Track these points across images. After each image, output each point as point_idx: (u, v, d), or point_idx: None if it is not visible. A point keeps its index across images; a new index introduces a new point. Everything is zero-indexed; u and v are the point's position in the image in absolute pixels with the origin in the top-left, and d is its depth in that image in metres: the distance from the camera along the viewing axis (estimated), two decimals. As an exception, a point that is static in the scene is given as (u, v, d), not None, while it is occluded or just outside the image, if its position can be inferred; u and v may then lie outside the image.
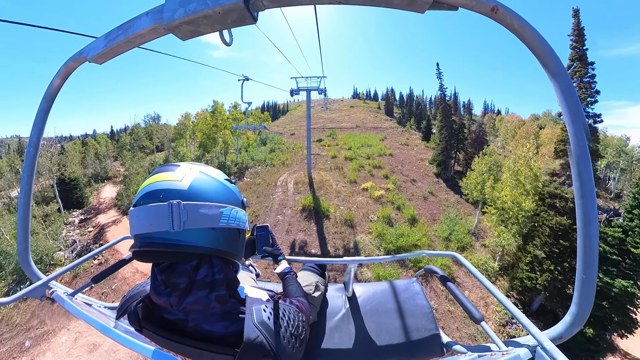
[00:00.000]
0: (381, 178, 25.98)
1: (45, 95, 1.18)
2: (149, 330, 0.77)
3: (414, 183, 26.46)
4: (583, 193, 0.82)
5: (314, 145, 36.48)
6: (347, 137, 42.75)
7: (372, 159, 30.89)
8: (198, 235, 0.72)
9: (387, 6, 0.81)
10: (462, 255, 1.71)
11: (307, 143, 23.17)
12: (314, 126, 51.84)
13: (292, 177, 25.28)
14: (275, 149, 37.08)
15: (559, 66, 0.80)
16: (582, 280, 0.86)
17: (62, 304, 1.20)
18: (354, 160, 29.42)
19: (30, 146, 1.23)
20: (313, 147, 34.73)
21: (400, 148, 37.83)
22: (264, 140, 42.17)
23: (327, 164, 29.27)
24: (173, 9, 0.83)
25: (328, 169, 27.76)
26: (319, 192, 21.63)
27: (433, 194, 24.78)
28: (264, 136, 43.90)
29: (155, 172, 0.77)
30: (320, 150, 35.34)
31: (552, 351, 0.87)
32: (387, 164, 29.79)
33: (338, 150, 34.20)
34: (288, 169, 27.97)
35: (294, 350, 0.72)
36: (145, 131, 43.81)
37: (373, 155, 31.92)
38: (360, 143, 37.49)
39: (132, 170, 28.32)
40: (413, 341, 1.49)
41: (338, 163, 29.43)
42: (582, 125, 0.81)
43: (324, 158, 31.59)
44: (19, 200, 1.25)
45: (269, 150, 36.64)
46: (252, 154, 33.26)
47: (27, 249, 1.28)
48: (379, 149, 34.49)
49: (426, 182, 27.28)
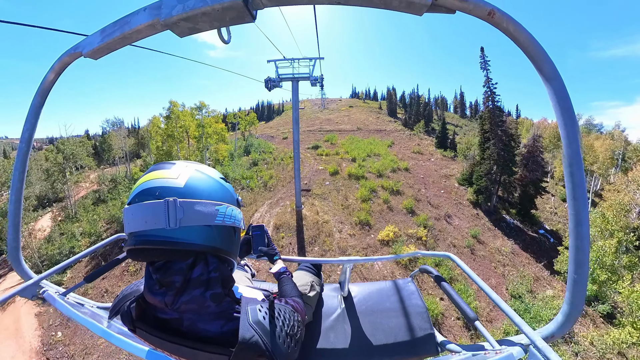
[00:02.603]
0: (404, 214, 18.24)
1: (39, 90, 1.16)
2: (142, 330, 0.76)
3: (449, 220, 18.67)
4: (575, 195, 0.84)
5: (308, 154, 30.88)
6: (349, 142, 36.72)
7: (385, 176, 23.91)
8: (194, 233, 0.72)
9: (385, 7, 0.81)
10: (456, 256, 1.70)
11: (294, 164, 14.32)
12: (309, 128, 47.29)
13: (274, 212, 17.53)
14: (259, 162, 29.53)
15: (553, 70, 0.81)
16: (573, 280, 0.87)
17: (53, 303, 1.18)
18: (361, 181, 22.00)
19: (22, 143, 1.21)
20: (307, 157, 29.69)
21: (414, 158, 31.28)
22: (248, 147, 35.62)
23: (325, 186, 21.82)
24: (171, 5, 0.82)
25: (326, 194, 20.24)
26: (311, 248, 14.35)
27: (479, 239, 17.15)
28: (249, 142, 38.36)
29: (150, 170, 0.77)
30: (317, 162, 28.09)
31: (544, 350, 0.89)
32: (406, 185, 22.42)
33: (339, 163, 27.09)
34: (271, 196, 20.30)
35: (289, 350, 0.72)
36: (103, 140, 36.76)
37: (385, 171, 24.82)
38: (366, 152, 30.81)
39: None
40: (408, 341, 1.50)
41: (340, 184, 21.96)
42: (574, 128, 0.82)
43: (321, 175, 24.06)
44: (10, 197, 1.23)
45: (251, 162, 29.12)
46: (228, 170, 25.59)
47: (17, 247, 1.26)
48: (390, 161, 27.49)
49: (464, 216, 19.59)
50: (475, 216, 19.95)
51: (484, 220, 19.56)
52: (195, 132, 25.66)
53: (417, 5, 0.77)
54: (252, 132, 49.20)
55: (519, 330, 1.02)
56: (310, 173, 24.77)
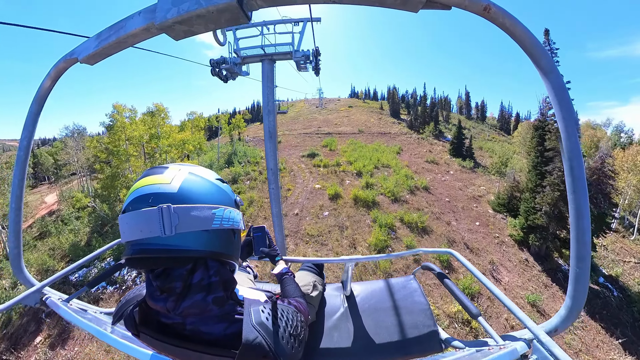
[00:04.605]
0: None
1: (36, 97, 1.16)
2: (146, 335, 0.76)
3: (496, 275, 13.32)
4: (575, 188, 0.84)
5: (303, 165, 25.16)
6: (351, 149, 31.28)
7: (402, 200, 18.53)
8: (191, 239, 0.71)
9: (381, 5, 0.81)
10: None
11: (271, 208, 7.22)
12: (305, 130, 43.13)
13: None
14: (240, 178, 22.59)
15: (550, 64, 0.81)
16: (575, 274, 0.87)
17: (56, 310, 1.18)
18: (373, 212, 16.24)
19: (20, 150, 1.21)
20: (302, 169, 24.16)
21: (429, 170, 26.38)
22: (230, 157, 29.21)
23: (323, 218, 15.93)
24: (166, 9, 0.82)
25: (324, 236, 14.38)
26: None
27: (539, 309, 11.82)
28: (235, 148, 32.23)
29: (143, 176, 0.75)
30: (312, 177, 22.15)
31: (548, 344, 0.89)
32: (432, 215, 17.11)
33: (341, 179, 21.48)
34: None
35: (293, 351, 0.72)
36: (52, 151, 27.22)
37: (401, 193, 19.19)
38: (372, 161, 25.61)
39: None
40: (412, 338, 1.50)
41: (344, 216, 16.03)
42: (573, 122, 0.82)
43: (317, 199, 18.16)
44: (10, 205, 1.23)
45: (231, 178, 22.50)
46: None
47: (19, 255, 1.26)
48: (404, 176, 21.99)
49: (511, 265, 14.23)
50: (525, 263, 14.64)
51: (535, 271, 14.27)
52: (147, 147, 19.54)
53: (412, 2, 0.77)
54: (244, 136, 44.20)
55: (523, 324, 1.02)
56: (303, 196, 18.99)
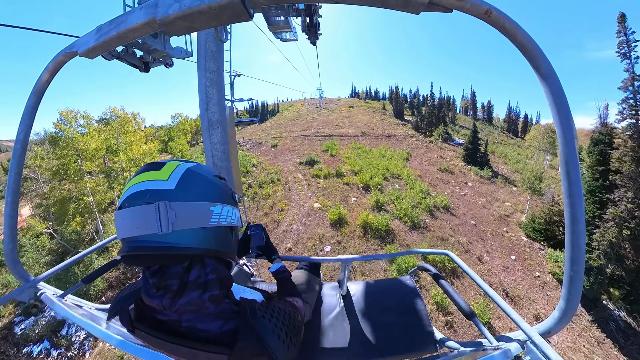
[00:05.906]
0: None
1: (34, 90, 1.15)
2: (141, 331, 0.76)
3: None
4: (571, 192, 0.84)
5: (300, 175, 21.50)
6: (354, 153, 28.08)
7: (420, 224, 15.59)
8: (188, 236, 0.70)
9: (382, 6, 0.81)
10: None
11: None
12: (304, 132, 40.76)
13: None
14: None
15: (549, 68, 0.82)
16: (569, 277, 0.88)
17: (51, 305, 1.17)
18: (387, 247, 13.69)
19: (17, 143, 1.20)
20: (299, 179, 20.55)
21: (445, 181, 23.14)
22: None
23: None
24: (168, 4, 0.82)
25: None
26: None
27: None
28: None
29: (140, 172, 0.74)
30: (311, 191, 18.55)
31: (541, 345, 0.90)
32: (459, 247, 14.44)
33: (345, 195, 18.06)
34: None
35: (289, 349, 0.72)
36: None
37: (420, 216, 16.18)
38: (380, 171, 22.45)
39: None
40: (407, 338, 1.51)
41: (351, 253, 12.92)
42: (570, 126, 0.83)
43: (316, 226, 14.95)
44: (6, 199, 1.21)
45: None
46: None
47: (14, 249, 1.24)
48: (419, 192, 18.81)
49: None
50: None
51: (585, 321, 11.08)
52: (112, 161, 15.71)
53: (414, 4, 0.77)
54: (239, 138, 38.52)
55: (517, 326, 1.03)
56: (299, 220, 15.52)
